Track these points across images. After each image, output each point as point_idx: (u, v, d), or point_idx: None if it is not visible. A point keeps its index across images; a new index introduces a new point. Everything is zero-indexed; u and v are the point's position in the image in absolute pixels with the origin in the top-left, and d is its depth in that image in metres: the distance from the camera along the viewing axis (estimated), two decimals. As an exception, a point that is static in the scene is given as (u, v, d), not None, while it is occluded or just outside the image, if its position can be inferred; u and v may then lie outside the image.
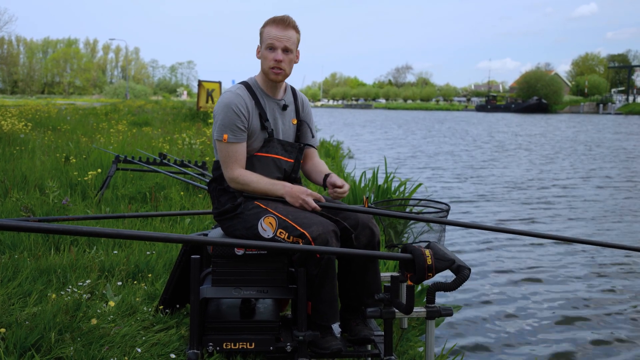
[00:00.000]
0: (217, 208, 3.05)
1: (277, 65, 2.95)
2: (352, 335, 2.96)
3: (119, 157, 6.78)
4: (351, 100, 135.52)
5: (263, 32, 2.99)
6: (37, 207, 5.78)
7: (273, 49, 2.95)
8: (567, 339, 4.80)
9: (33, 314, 3.17)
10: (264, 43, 2.98)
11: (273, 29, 2.95)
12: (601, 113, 77.50)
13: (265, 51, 2.97)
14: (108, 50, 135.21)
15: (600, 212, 10.12)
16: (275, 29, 2.94)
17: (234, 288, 2.89)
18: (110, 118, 21.87)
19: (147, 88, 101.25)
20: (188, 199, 6.80)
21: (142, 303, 3.59)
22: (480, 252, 7.35)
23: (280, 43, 2.94)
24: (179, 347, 3.06)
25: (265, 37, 2.97)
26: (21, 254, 4.39)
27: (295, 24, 3.00)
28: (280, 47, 2.94)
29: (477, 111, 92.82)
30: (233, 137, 2.93)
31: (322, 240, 2.71)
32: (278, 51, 2.94)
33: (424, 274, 2.45)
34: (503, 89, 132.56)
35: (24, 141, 11.33)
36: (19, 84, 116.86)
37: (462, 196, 11.65)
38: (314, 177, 3.24)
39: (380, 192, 7.94)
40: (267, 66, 2.97)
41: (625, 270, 6.64)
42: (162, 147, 11.03)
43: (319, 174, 3.20)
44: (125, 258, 4.35)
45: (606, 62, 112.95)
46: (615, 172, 15.70)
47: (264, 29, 3.00)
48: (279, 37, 2.94)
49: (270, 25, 2.97)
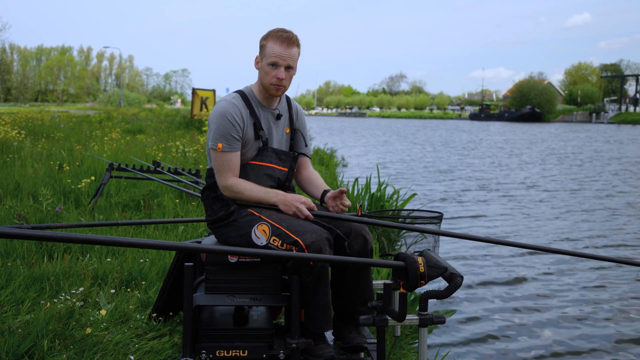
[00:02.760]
0: (210, 216, 3.06)
1: (278, 83, 2.96)
2: (345, 342, 2.97)
3: (113, 164, 6.78)
4: (345, 109, 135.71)
5: (266, 47, 2.95)
6: (31, 214, 5.76)
7: (276, 67, 2.94)
8: (561, 345, 4.81)
9: (26, 321, 3.17)
10: (266, 58, 2.95)
11: (277, 46, 2.92)
12: (594, 122, 77.86)
13: (267, 67, 2.95)
14: (102, 58, 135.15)
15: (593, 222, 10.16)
16: (280, 47, 2.92)
17: (227, 296, 2.90)
18: (104, 126, 21.84)
19: (141, 96, 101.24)
20: (182, 206, 6.80)
21: (136, 311, 3.58)
22: (472, 260, 7.37)
23: (284, 61, 2.94)
24: (172, 354, 3.06)
25: (268, 52, 2.94)
26: (14, 262, 4.38)
27: (298, 41, 2.99)
28: (284, 65, 2.94)
29: (470, 120, 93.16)
30: (227, 146, 2.94)
31: (315, 247, 2.72)
32: (281, 69, 2.94)
33: (417, 281, 2.47)
34: (497, 97, 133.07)
35: (17, 149, 11.31)
36: (12, 91, 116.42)
37: (457, 199, 11.69)
38: (310, 190, 3.25)
39: (373, 201, 7.95)
40: (269, 82, 2.97)
41: (620, 278, 6.67)
42: (156, 155, 11.02)
43: (315, 187, 3.21)
44: (119, 266, 4.35)
45: (599, 71, 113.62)
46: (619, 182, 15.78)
47: (266, 43, 2.95)
48: (283, 56, 2.93)
49: (275, 41, 2.93)
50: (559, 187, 14.47)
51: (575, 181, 15.62)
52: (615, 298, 6.02)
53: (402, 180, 14.83)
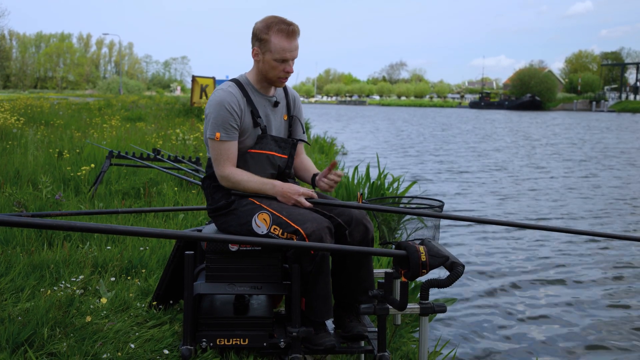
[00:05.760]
0: (211, 204, 3.05)
1: (286, 76, 2.97)
2: (346, 331, 2.97)
3: (113, 152, 6.76)
4: (345, 97, 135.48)
5: (270, 42, 2.89)
6: (30, 202, 5.75)
7: (285, 61, 2.93)
8: (561, 333, 4.82)
9: (26, 309, 3.16)
10: (272, 54, 2.90)
11: (285, 42, 2.89)
12: (594, 110, 77.80)
13: (274, 62, 2.91)
14: (101, 45, 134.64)
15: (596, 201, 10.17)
16: (287, 42, 2.89)
17: (228, 284, 2.90)
18: (103, 113, 21.77)
19: (141, 83, 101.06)
20: (182, 194, 6.79)
21: (136, 299, 3.58)
22: (473, 249, 7.37)
23: (291, 55, 2.93)
24: (173, 343, 3.06)
25: (275, 48, 2.89)
26: (14, 249, 4.37)
27: (299, 31, 2.96)
28: (291, 59, 2.95)
29: (470, 108, 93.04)
30: (225, 135, 2.93)
31: (316, 236, 2.71)
32: (289, 63, 2.94)
33: (418, 270, 2.46)
34: (497, 86, 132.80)
35: (16, 136, 11.27)
36: (11, 78, 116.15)
37: (458, 191, 11.69)
38: (301, 175, 3.27)
39: (373, 189, 7.95)
40: (276, 76, 2.96)
41: (628, 263, 6.67)
42: (156, 142, 11.00)
43: (305, 171, 3.24)
44: (119, 254, 4.34)
45: (599, 59, 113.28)
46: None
47: (269, 37, 2.89)
48: (291, 50, 2.91)
49: (280, 35, 2.88)
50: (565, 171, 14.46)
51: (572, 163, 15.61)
52: (623, 282, 6.01)
53: (406, 172, 14.82)
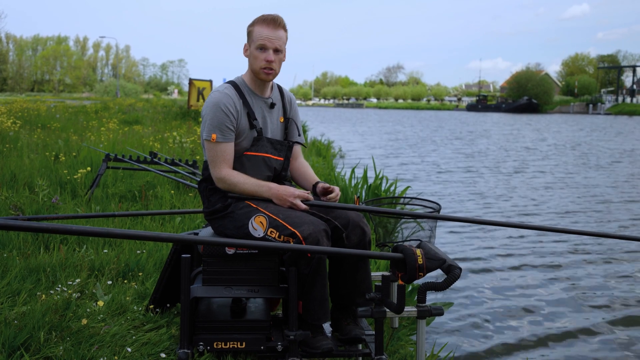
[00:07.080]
0: (207, 207, 3.04)
1: (268, 66, 2.95)
2: (343, 334, 2.96)
3: (109, 155, 6.75)
4: (342, 100, 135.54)
5: (253, 32, 2.97)
6: (27, 205, 5.74)
7: (264, 50, 2.94)
8: (561, 334, 4.82)
9: (22, 313, 3.15)
10: (254, 42, 2.96)
11: (264, 29, 2.93)
12: (591, 113, 77.92)
13: (255, 51, 2.96)
14: (98, 48, 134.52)
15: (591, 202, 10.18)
16: (267, 29, 2.93)
17: (225, 287, 2.89)
18: (100, 116, 21.73)
19: (138, 86, 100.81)
20: (178, 197, 6.78)
21: (133, 302, 3.57)
22: (470, 251, 7.37)
23: (271, 44, 2.94)
24: (170, 346, 3.05)
25: (255, 36, 2.95)
26: (10, 253, 4.35)
27: (285, 24, 3.00)
28: (272, 48, 2.95)
29: (467, 111, 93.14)
30: (222, 136, 2.93)
31: (313, 239, 2.71)
32: (270, 52, 2.94)
33: (415, 273, 2.46)
34: (494, 88, 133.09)
35: (12, 139, 11.25)
36: (8, 81, 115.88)
37: (456, 193, 11.70)
38: (300, 182, 3.26)
39: (370, 192, 7.96)
40: (258, 66, 2.97)
41: (625, 261, 6.68)
42: (153, 145, 10.98)
43: (304, 179, 3.22)
44: (116, 257, 4.33)
45: (596, 62, 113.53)
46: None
47: (253, 28, 2.97)
48: (270, 38, 2.93)
49: (261, 24, 2.95)
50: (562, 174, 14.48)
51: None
52: (620, 281, 6.02)
53: (403, 174, 14.83)
